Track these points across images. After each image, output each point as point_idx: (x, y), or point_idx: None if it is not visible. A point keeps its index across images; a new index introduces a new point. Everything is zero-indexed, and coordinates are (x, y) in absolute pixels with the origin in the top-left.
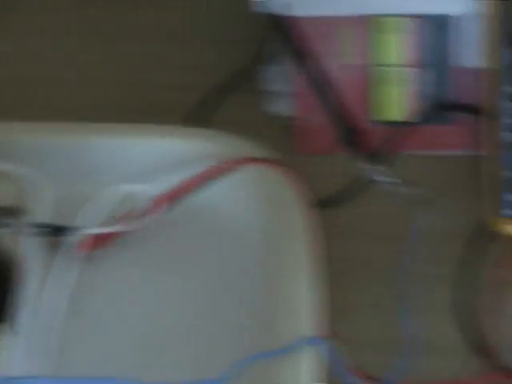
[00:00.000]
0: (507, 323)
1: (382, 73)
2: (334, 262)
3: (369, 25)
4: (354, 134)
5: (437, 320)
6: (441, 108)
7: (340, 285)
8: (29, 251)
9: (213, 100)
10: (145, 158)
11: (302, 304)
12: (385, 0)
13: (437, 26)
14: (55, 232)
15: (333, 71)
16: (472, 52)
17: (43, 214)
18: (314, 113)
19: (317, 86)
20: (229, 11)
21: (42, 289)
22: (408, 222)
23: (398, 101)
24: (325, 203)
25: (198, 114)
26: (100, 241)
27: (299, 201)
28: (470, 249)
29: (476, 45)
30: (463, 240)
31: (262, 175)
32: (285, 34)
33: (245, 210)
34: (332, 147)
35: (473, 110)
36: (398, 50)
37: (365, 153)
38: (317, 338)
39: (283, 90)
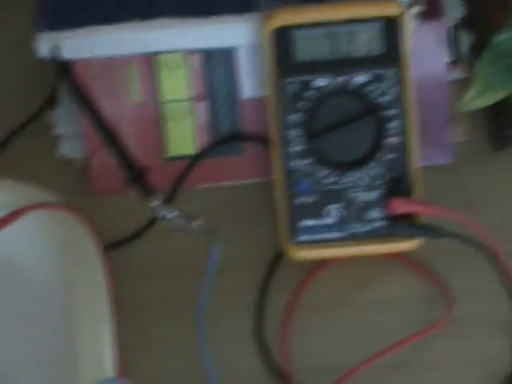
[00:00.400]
0: (300, 347)
1: (171, 109)
2: (131, 300)
3: (153, 62)
4: (142, 173)
5: (238, 349)
6: (231, 139)
7: (137, 322)
8: None
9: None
10: None
11: (100, 345)
12: (166, 37)
13: (221, 59)
14: None
15: (121, 111)
16: (256, 82)
17: None
18: (102, 154)
19: (102, 128)
20: (19, 56)
21: None
22: (202, 255)
23: (188, 135)
24: (118, 243)
25: None
26: None
27: (92, 242)
28: (268, 276)
29: (259, 75)
30: (261, 267)
31: (51, 220)
32: (68, 78)
33: (37, 256)
34: (123, 187)
35: (261, 139)
36: (184, 85)
37: (155, 191)
38: (115, 378)
39: (73, 133)
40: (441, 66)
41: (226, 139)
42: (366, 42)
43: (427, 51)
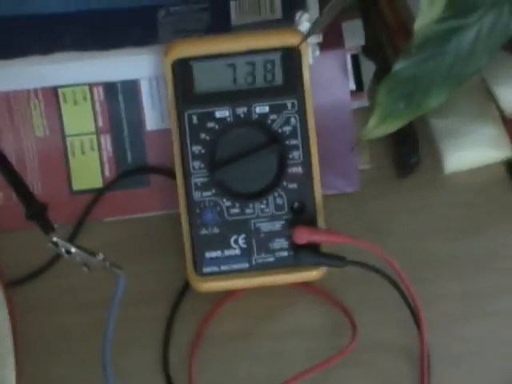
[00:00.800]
0: (208, 379)
1: (76, 142)
2: (35, 336)
3: (57, 96)
4: (42, 209)
5: (145, 383)
6: (136, 172)
7: (41, 358)
8: None
9: None
10: None
11: (3, 382)
12: (69, 70)
13: (125, 92)
14: None
15: (25, 145)
16: (161, 114)
17: None
18: (5, 190)
19: (0, 163)
20: None
21: None
22: (108, 289)
23: (94, 168)
24: (22, 279)
25: None
26: None
27: None
28: (175, 308)
29: (163, 107)
30: (169, 300)
31: None
32: None
33: None
34: (23, 223)
35: (166, 171)
36: (88, 118)
37: (55, 226)
38: None
39: None
40: (344, 95)
41: (131, 172)
42: (266, 72)
43: (330, 80)
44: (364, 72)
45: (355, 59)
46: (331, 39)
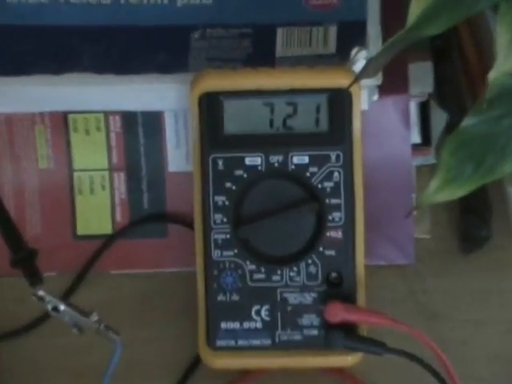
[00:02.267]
0: None
1: (85, 179)
2: None
3: (66, 123)
4: (30, 255)
5: None
6: (153, 219)
7: None
8: None
9: None
10: None
11: None
12: (83, 94)
13: (146, 125)
14: None
15: (24, 178)
16: (187, 154)
17: None
18: None
19: None
20: None
21: None
22: (101, 356)
23: (103, 211)
24: (6, 335)
25: None
26: None
27: None
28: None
29: (187, 146)
30: (174, 374)
31: None
32: None
33: None
34: (9, 269)
35: (187, 222)
36: (101, 152)
37: (44, 276)
38: None
39: None
40: (404, 148)
41: (147, 219)
42: (309, 116)
43: (387, 130)
44: (434, 123)
45: (424, 107)
46: (393, 82)
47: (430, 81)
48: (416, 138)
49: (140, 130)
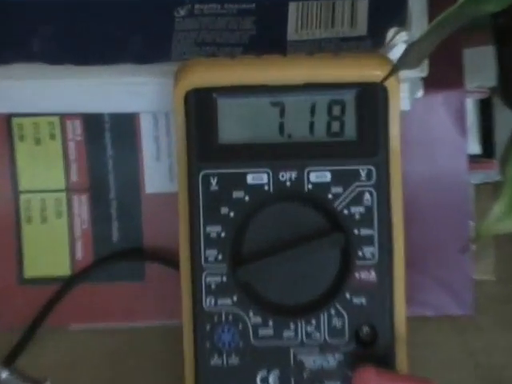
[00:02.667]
0: None
1: (36, 203)
2: None
3: (10, 129)
4: None
5: None
6: (125, 256)
7: None
8: None
9: None
10: None
11: None
12: (35, 91)
13: (117, 131)
14: None
15: None
16: (171, 170)
17: None
18: None
19: None
20: None
21: None
22: None
23: (60, 246)
24: None
25: None
26: None
27: None
28: None
29: (169, 160)
30: None
31: None
32: None
33: None
34: None
35: (169, 260)
36: (57, 168)
37: None
38: None
39: None
40: (459, 161)
41: (117, 256)
42: (330, 119)
43: (437, 137)
44: (498, 127)
45: (485, 107)
46: (443, 74)
47: (491, 71)
48: (475, 147)
49: (108, 137)
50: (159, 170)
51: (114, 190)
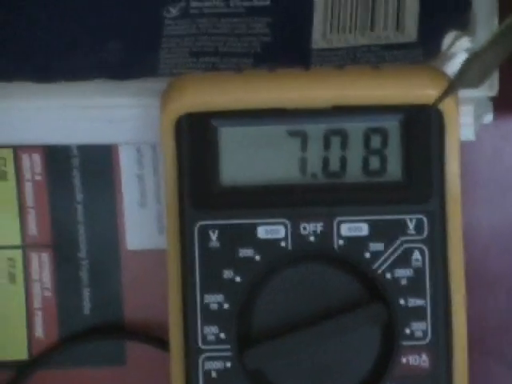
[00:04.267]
0: None
1: None
2: None
3: None
4: None
5: None
6: (100, 334)
7: None
8: None
9: None
10: None
11: None
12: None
13: (90, 169)
14: None
15: None
16: (159, 220)
17: None
18: None
19: None
20: None
21: None
22: None
23: (15, 321)
24: None
25: None
26: None
27: None
28: None
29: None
30: None
31: None
32: None
33: None
34: None
35: (155, 339)
36: (10, 218)
37: None
38: None
39: None
40: None
41: (90, 334)
42: (368, 153)
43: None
44: None
45: None
46: None
47: None
48: None
49: (76, 177)
50: (144, 219)
51: (85, 247)
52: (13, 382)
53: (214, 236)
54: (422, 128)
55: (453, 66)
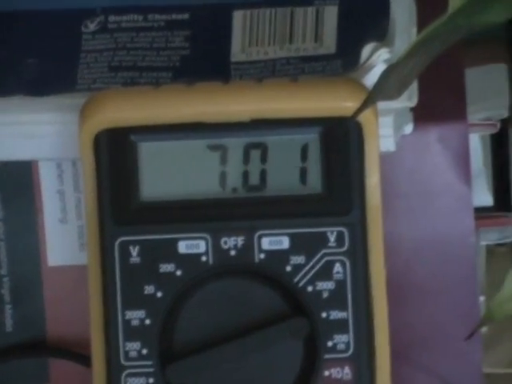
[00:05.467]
0: None
1: None
2: None
3: None
4: None
5: None
6: (22, 351)
7: None
8: None
9: None
10: None
11: None
12: None
13: (9, 187)
14: None
15: None
16: (80, 235)
17: None
18: None
19: None
20: None
21: None
22: None
23: None
24: None
25: None
26: None
27: None
28: None
29: (81, 221)
30: None
31: None
32: None
33: None
34: None
35: (80, 355)
36: None
37: None
38: None
39: None
40: (463, 218)
41: (12, 351)
42: (287, 167)
43: (433, 186)
44: None
45: (497, 145)
46: (440, 102)
47: (505, 98)
48: (484, 197)
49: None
50: (65, 235)
51: (6, 264)
52: None
53: (134, 252)
54: (342, 140)
55: (372, 78)
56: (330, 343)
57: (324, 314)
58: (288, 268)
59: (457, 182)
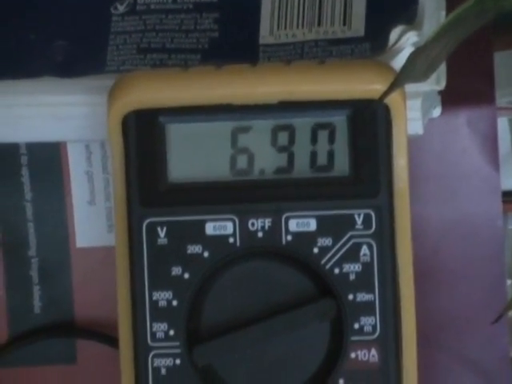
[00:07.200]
0: None
1: None
2: None
3: None
4: None
5: None
6: (50, 332)
7: None
8: None
9: None
10: None
11: None
12: None
13: (38, 168)
14: None
15: None
16: (109, 217)
17: None
18: None
19: None
20: None
21: None
22: None
23: None
24: None
25: None
26: None
27: None
28: None
29: (109, 203)
30: None
31: None
32: None
33: None
34: None
35: (108, 337)
36: None
37: None
38: None
39: None
40: (491, 202)
41: (40, 332)
42: (314, 149)
43: (461, 169)
44: None
45: None
46: (468, 87)
47: None
48: (509, 183)
49: (25, 175)
50: (94, 217)
51: (35, 245)
52: None
53: (162, 233)
54: (369, 123)
55: (400, 61)
56: (356, 325)
57: (351, 296)
58: (315, 250)
59: (485, 166)
